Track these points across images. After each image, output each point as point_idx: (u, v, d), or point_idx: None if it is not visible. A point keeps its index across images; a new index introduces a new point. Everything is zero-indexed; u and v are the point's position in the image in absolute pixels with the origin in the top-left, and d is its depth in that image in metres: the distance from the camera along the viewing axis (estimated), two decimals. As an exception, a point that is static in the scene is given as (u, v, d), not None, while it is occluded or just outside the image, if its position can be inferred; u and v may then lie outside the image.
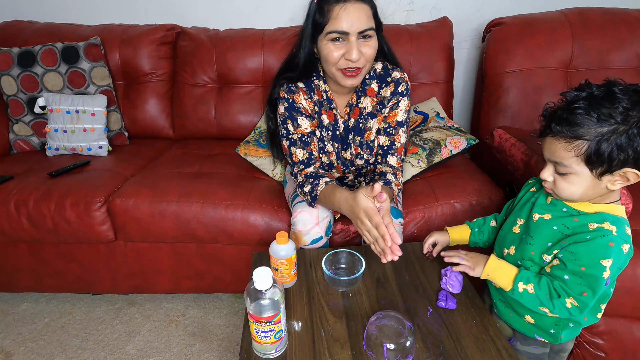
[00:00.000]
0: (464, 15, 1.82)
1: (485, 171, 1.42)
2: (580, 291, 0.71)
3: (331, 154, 1.19)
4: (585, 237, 0.70)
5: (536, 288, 0.75)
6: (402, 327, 0.73)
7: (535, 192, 0.85)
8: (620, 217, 0.72)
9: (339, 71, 1.03)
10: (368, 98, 1.14)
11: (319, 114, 1.16)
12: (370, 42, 1.01)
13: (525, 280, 0.76)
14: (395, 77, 1.12)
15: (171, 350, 1.33)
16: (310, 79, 1.15)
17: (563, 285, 0.72)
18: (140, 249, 1.38)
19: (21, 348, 1.35)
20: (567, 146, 0.68)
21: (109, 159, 1.60)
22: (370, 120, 1.15)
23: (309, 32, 1.05)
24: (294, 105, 1.13)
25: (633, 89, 0.66)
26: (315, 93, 1.15)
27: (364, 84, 1.14)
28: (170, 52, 1.78)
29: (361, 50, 0.99)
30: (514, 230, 0.84)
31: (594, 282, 0.70)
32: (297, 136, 1.12)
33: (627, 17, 1.54)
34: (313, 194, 1.04)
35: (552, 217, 0.77)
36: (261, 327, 0.70)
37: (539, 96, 1.53)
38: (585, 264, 0.70)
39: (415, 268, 0.96)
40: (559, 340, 0.83)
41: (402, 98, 1.12)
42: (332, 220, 1.13)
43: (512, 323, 0.87)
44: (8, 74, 1.61)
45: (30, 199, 1.31)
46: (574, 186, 0.71)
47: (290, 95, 1.13)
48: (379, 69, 1.14)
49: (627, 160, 0.65)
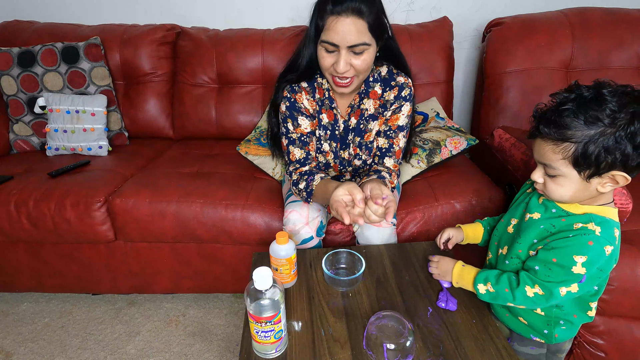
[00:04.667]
0: (464, 15, 1.82)
1: (485, 171, 1.42)
2: (545, 277, 0.72)
3: (327, 153, 1.19)
4: (567, 235, 0.71)
5: (494, 285, 0.77)
6: (402, 327, 0.73)
7: (530, 193, 0.85)
8: (609, 219, 0.72)
9: (331, 77, 1.06)
10: (371, 100, 1.14)
11: (319, 112, 1.16)
12: (362, 55, 1.00)
13: (483, 281, 0.80)
14: (399, 82, 1.12)
15: (171, 350, 1.33)
16: (313, 78, 1.16)
17: (530, 275, 0.74)
18: (140, 249, 1.38)
19: (21, 348, 1.35)
20: (555, 148, 0.68)
21: (109, 159, 1.60)
22: (372, 122, 1.15)
23: (312, 33, 1.05)
24: (296, 104, 1.14)
25: (622, 90, 0.65)
26: (317, 92, 1.16)
27: (367, 86, 1.14)
28: (170, 52, 1.78)
29: (351, 63, 1.00)
30: (508, 230, 0.85)
31: (562, 273, 0.71)
32: (296, 135, 1.14)
33: (627, 17, 1.54)
34: (308, 190, 1.05)
35: (542, 217, 0.78)
36: (261, 327, 0.70)
37: (539, 96, 1.53)
38: (557, 256, 0.71)
39: (415, 268, 0.96)
40: (554, 340, 0.83)
41: (404, 103, 1.12)
42: (324, 220, 1.13)
43: (508, 324, 0.87)
44: (8, 74, 1.61)
45: (30, 199, 1.31)
46: (563, 188, 0.71)
47: (293, 95, 1.14)
48: (384, 72, 1.14)
49: (615, 163, 0.65)
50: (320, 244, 1.14)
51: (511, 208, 0.88)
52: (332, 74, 1.04)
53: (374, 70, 1.14)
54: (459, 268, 0.85)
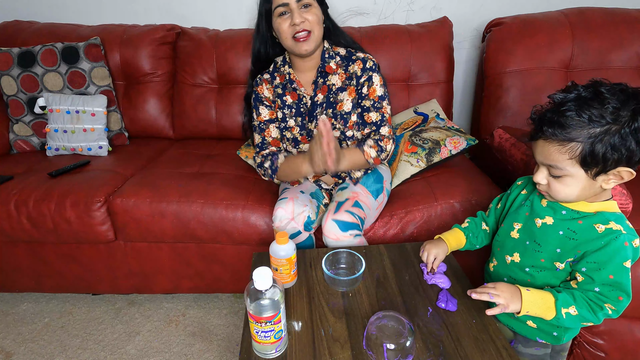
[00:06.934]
0: (464, 15, 1.82)
1: (485, 171, 1.42)
2: (615, 297, 0.71)
3: (293, 128, 1.28)
4: (600, 244, 0.70)
5: (578, 307, 0.72)
6: (402, 327, 0.73)
7: (528, 195, 0.84)
8: (619, 214, 0.73)
9: (293, 40, 1.16)
10: (336, 76, 1.24)
11: (282, 95, 1.27)
12: (311, 9, 1.15)
13: (566, 304, 0.73)
14: (360, 56, 1.23)
15: (171, 350, 1.33)
16: (275, 68, 1.29)
17: (598, 295, 0.72)
18: (140, 249, 1.38)
19: (21, 348, 1.35)
20: (561, 149, 0.68)
21: (109, 159, 1.60)
22: (340, 93, 1.24)
23: (264, 21, 1.21)
24: (258, 95, 1.29)
25: (619, 88, 0.66)
26: (277, 78, 1.28)
27: (324, 62, 1.24)
28: (170, 52, 1.78)
29: (304, 16, 1.14)
30: (512, 235, 0.84)
31: (626, 285, 0.70)
32: (257, 123, 1.29)
33: (627, 17, 1.54)
34: (274, 167, 1.21)
35: (555, 222, 0.77)
36: (261, 327, 0.70)
37: (539, 96, 1.52)
38: (611, 272, 0.70)
39: (415, 268, 0.96)
40: (561, 341, 0.83)
41: (372, 73, 1.22)
42: (312, 215, 1.16)
43: (513, 326, 0.86)
44: (8, 74, 1.61)
45: (30, 199, 1.31)
46: (570, 188, 0.71)
47: (256, 88, 1.30)
48: (343, 52, 1.26)
49: (621, 160, 0.65)
50: (312, 238, 1.18)
51: (510, 212, 0.86)
52: (291, 35, 1.15)
53: (330, 49, 1.25)
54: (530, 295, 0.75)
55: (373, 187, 1.23)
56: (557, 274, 0.77)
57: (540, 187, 0.76)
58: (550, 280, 0.78)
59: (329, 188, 1.33)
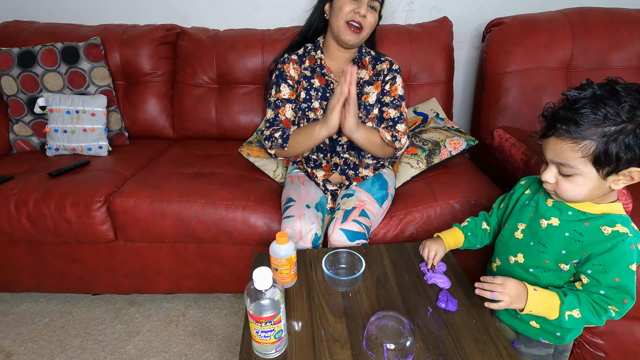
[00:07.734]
0: (464, 15, 1.82)
1: (485, 171, 1.42)
2: (620, 299, 0.71)
3: (317, 109, 1.28)
4: (606, 246, 0.70)
5: (581, 310, 0.72)
6: (402, 327, 0.73)
7: (532, 195, 0.83)
8: (625, 216, 0.72)
9: (345, 24, 1.19)
10: (364, 70, 1.30)
11: (310, 77, 1.29)
12: (374, 13, 1.22)
13: (570, 307, 0.72)
14: (388, 58, 1.32)
15: (171, 350, 1.33)
16: (306, 52, 1.33)
17: (603, 298, 0.71)
18: (140, 249, 1.38)
19: (21, 348, 1.35)
20: (574, 147, 0.66)
21: (109, 159, 1.60)
22: (367, 86, 1.28)
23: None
24: (283, 73, 1.30)
25: (635, 87, 0.66)
26: (307, 61, 1.31)
27: (360, 54, 1.30)
28: (170, 52, 1.78)
29: (366, 15, 1.18)
30: (516, 235, 0.83)
31: (631, 288, 0.70)
32: (273, 99, 1.29)
33: (627, 17, 1.54)
34: (285, 136, 1.20)
35: (561, 223, 0.76)
36: (261, 327, 0.70)
37: (539, 96, 1.53)
38: (617, 275, 0.69)
39: (415, 268, 0.96)
40: (564, 341, 0.82)
41: (396, 74, 1.29)
42: (319, 231, 1.13)
43: (515, 326, 0.86)
44: (8, 74, 1.61)
45: (30, 199, 1.31)
46: (579, 187, 0.70)
47: (281, 65, 1.31)
48: (373, 53, 1.34)
49: (634, 159, 0.64)
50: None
51: (514, 212, 0.86)
52: (347, 19, 1.18)
53: (366, 47, 1.33)
54: (535, 296, 0.73)
55: (378, 194, 1.23)
56: (561, 275, 0.77)
57: (548, 186, 0.74)
58: (554, 281, 0.78)
59: (335, 188, 1.32)
